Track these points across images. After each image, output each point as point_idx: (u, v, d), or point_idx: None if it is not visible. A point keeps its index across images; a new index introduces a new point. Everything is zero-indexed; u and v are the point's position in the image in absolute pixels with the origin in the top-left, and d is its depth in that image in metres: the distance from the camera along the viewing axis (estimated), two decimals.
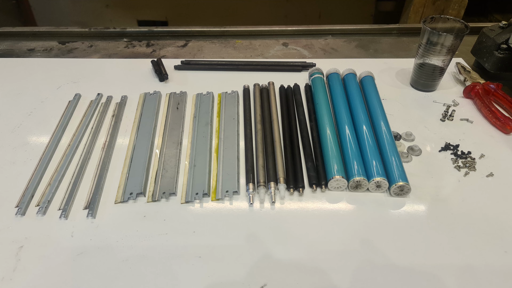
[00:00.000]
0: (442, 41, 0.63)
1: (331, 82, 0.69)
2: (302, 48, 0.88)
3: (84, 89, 0.73)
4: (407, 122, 0.64)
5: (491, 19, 1.56)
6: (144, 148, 0.58)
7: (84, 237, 0.47)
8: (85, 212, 0.49)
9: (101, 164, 0.56)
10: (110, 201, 0.51)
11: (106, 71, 0.78)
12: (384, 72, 0.77)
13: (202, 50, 0.88)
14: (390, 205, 0.50)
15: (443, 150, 0.59)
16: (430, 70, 0.68)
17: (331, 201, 0.51)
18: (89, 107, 0.68)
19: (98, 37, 0.93)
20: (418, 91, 0.72)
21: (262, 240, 0.46)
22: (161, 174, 0.54)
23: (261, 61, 0.81)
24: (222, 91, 0.70)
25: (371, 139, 0.56)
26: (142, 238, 0.46)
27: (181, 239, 0.46)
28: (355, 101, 0.63)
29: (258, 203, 0.51)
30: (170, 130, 0.62)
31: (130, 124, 0.64)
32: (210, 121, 0.63)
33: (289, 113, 0.64)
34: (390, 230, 0.47)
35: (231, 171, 0.54)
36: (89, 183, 0.53)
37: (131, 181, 0.53)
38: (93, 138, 0.61)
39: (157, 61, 0.79)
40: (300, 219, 0.49)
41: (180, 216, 0.49)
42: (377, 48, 0.88)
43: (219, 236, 0.47)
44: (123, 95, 0.70)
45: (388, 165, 0.53)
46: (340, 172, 0.51)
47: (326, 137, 0.56)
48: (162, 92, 0.71)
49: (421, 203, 0.51)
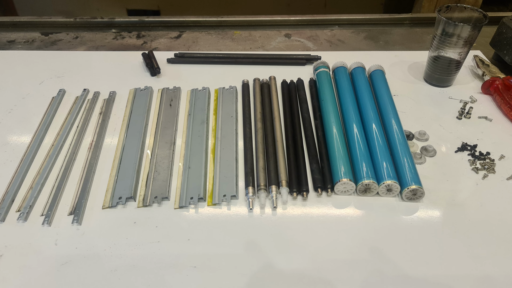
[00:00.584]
0: (459, 32, 0.63)
1: (338, 77, 0.69)
2: (306, 40, 0.88)
3: (69, 84, 0.73)
4: (420, 120, 0.64)
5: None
6: (134, 148, 0.58)
7: (69, 245, 0.47)
8: (70, 218, 0.49)
9: (88, 166, 0.56)
10: (97, 206, 0.51)
11: (93, 64, 0.78)
12: (396, 66, 0.77)
13: (197, 41, 0.88)
14: (401, 210, 0.51)
15: (460, 151, 0.59)
16: (445, 64, 0.68)
17: (338, 206, 0.51)
18: (75, 103, 0.68)
19: (84, 27, 0.93)
20: (432, 86, 0.72)
21: (262, 248, 0.46)
22: (153, 176, 0.54)
23: (262, 53, 0.81)
24: (219, 87, 0.70)
25: (381, 138, 0.56)
26: (132, 246, 0.46)
27: (175, 248, 0.46)
28: (363, 97, 0.63)
29: (259, 209, 0.51)
30: (162, 129, 0.62)
31: (119, 122, 0.64)
32: (206, 119, 0.63)
33: (292, 111, 0.64)
34: (402, 237, 0.47)
35: (229, 173, 0.54)
36: (74, 187, 0.53)
37: (120, 184, 0.53)
38: (79, 137, 0.61)
39: (149, 53, 0.79)
40: (304, 225, 0.49)
41: (174, 223, 0.49)
42: (388, 40, 0.88)
43: (216, 244, 0.47)
44: (112, 90, 0.70)
45: (400, 167, 0.53)
46: (348, 174, 0.51)
47: (333, 137, 0.56)
48: (154, 88, 0.71)
49: (436, 208, 0.51)
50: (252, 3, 1.53)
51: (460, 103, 0.68)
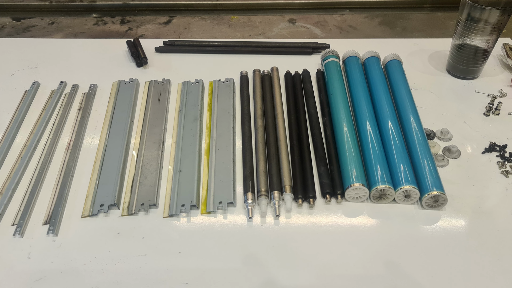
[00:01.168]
0: (486, 17, 0.63)
1: (349, 68, 0.69)
2: (313, 26, 0.88)
3: (44, 76, 0.73)
4: (442, 117, 0.64)
5: None
6: (118, 149, 0.58)
7: (44, 259, 0.46)
8: (45, 229, 0.49)
9: (65, 169, 0.56)
10: (76, 215, 0.51)
11: (71, 54, 0.78)
12: (414, 56, 0.77)
13: (189, 28, 0.88)
14: (421, 219, 0.50)
15: (487, 152, 0.59)
16: (471, 53, 0.68)
17: (349, 214, 0.51)
18: (50, 98, 0.68)
19: (61, 12, 0.93)
20: (456, 78, 0.72)
21: (263, 263, 0.46)
22: (139, 181, 0.54)
23: (263, 41, 0.81)
24: (214, 79, 0.70)
25: (398, 138, 0.56)
26: (116, 260, 0.46)
27: (164, 262, 0.46)
28: (378, 91, 0.63)
29: (259, 217, 0.51)
30: (150, 127, 0.62)
31: (100, 119, 0.64)
32: (200, 116, 0.63)
33: (297, 106, 0.64)
34: (422, 250, 0.47)
35: (225, 177, 0.54)
36: (49, 193, 0.53)
37: (101, 190, 0.53)
38: (55, 136, 0.61)
39: (134, 41, 0.79)
40: (311, 236, 0.49)
41: (163, 233, 0.49)
42: (406, 26, 0.88)
43: (210, 258, 0.47)
44: (92, 83, 0.70)
45: (419, 171, 0.53)
46: (360, 179, 0.51)
47: (343, 136, 0.56)
48: (140, 80, 0.71)
49: (460, 217, 0.51)
50: None
51: (487, 97, 0.68)
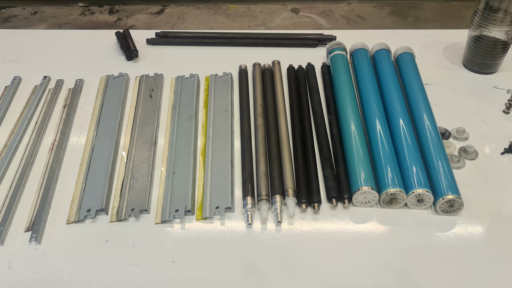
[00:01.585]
0: (506, 6, 0.63)
1: (357, 61, 0.69)
2: (317, 16, 0.88)
3: (26, 70, 0.73)
4: (458, 114, 0.64)
5: None
6: (107, 149, 0.58)
7: (26, 269, 0.46)
8: (28, 236, 0.49)
9: (49, 171, 0.56)
10: (61, 221, 0.51)
11: (55, 46, 0.78)
12: (428, 48, 0.77)
13: (183, 18, 0.88)
14: (435, 226, 0.50)
15: (507, 152, 0.59)
16: (489, 45, 0.68)
17: (357, 220, 0.51)
18: (33, 94, 0.68)
19: (44, 0, 0.93)
20: (473, 73, 0.72)
21: (264, 272, 0.46)
22: (129, 184, 0.54)
23: (263, 33, 0.80)
24: (211, 73, 0.70)
25: (410, 137, 0.56)
26: (104, 270, 0.46)
27: (156, 272, 0.46)
28: (388, 86, 0.63)
29: (259, 224, 0.51)
30: (141, 126, 0.62)
31: (87, 117, 0.64)
32: (195, 114, 0.63)
33: (300, 103, 0.64)
34: (436, 259, 0.47)
35: (222, 180, 0.54)
36: (32, 197, 0.53)
37: (88, 194, 0.53)
38: (38, 136, 0.61)
39: (124, 33, 0.79)
40: (315, 244, 0.49)
41: (155, 241, 0.49)
42: (418, 16, 0.88)
43: (207, 268, 0.47)
44: (78, 78, 0.70)
45: (433, 173, 0.53)
46: (369, 182, 0.51)
47: (350, 135, 0.56)
48: (131, 75, 0.71)
49: (478, 223, 0.51)
50: None
51: (507, 93, 0.68)
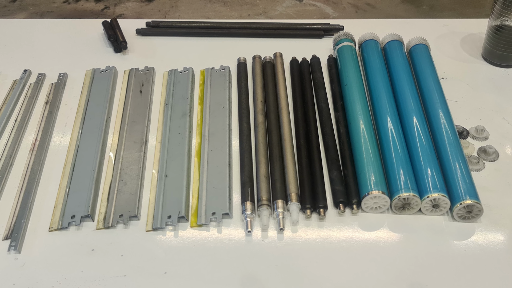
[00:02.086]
0: None
1: (367, 54, 0.69)
2: (323, 4, 0.88)
3: (5, 63, 0.73)
4: (477, 112, 0.65)
5: None
6: (93, 150, 0.58)
7: (5, 281, 0.46)
8: (6, 244, 0.49)
9: (29, 173, 0.56)
10: (43, 228, 0.51)
11: (36, 37, 0.78)
12: (444, 39, 0.77)
13: (176, 6, 0.88)
14: (452, 233, 0.51)
15: None
16: (511, 36, 0.68)
17: (367, 227, 0.51)
18: (12, 89, 0.68)
19: None
20: (493, 66, 0.72)
21: (264, 285, 0.46)
22: (117, 188, 0.54)
23: (264, 22, 0.80)
24: (207, 67, 0.70)
25: (424, 137, 0.56)
26: (90, 281, 0.46)
27: (147, 284, 0.46)
28: (401, 81, 0.63)
29: (260, 231, 0.51)
30: (130, 124, 0.62)
31: (72, 114, 0.64)
32: (189, 111, 0.63)
33: (304, 99, 0.64)
34: (453, 270, 0.47)
35: (219, 184, 0.54)
36: (11, 202, 0.53)
37: (73, 198, 0.53)
38: (18, 135, 0.61)
39: (111, 22, 0.79)
40: (321, 254, 0.49)
41: (145, 250, 0.49)
42: (434, 4, 0.88)
43: (202, 279, 0.47)
44: (62, 72, 0.70)
45: (450, 176, 0.53)
46: (380, 185, 0.51)
47: (359, 135, 0.56)
48: (119, 68, 0.71)
49: (499, 230, 0.51)
50: None
51: None
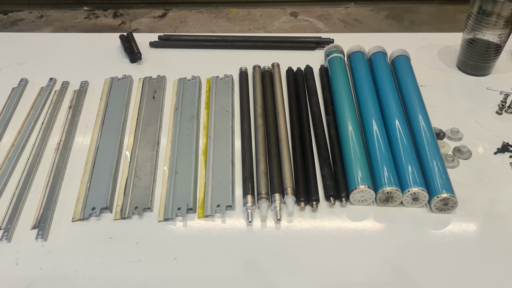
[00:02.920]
0: (499, 10, 0.63)
1: (354, 64, 0.69)
2: (316, 20, 0.88)
3: (33, 72, 0.72)
4: (452, 115, 0.64)
5: None
6: (111, 149, 0.58)
7: (33, 265, 0.46)
8: (34, 233, 0.49)
9: (55, 170, 0.56)
10: (66, 219, 0.51)
11: (61, 49, 0.78)
12: (423, 51, 0.77)
13: (185, 22, 0.88)
14: (430, 223, 0.50)
15: (500, 152, 0.59)
16: (482, 48, 0.68)
17: (354, 218, 0.51)
18: (39, 95, 0.68)
19: (50, 5, 0.93)
20: (467, 75, 0.72)
21: (264, 269, 0.46)
22: (133, 183, 0.54)
23: (263, 36, 0.81)
24: (212, 75, 0.70)
25: (405, 138, 0.56)
26: (108, 266, 0.46)
27: (159, 268, 0.46)
28: (385, 88, 0.63)
29: (259, 221, 0.51)
30: (144, 126, 0.62)
31: (92, 118, 0.64)
32: (197, 115, 0.63)
33: (299, 104, 0.64)
34: (431, 256, 0.47)
35: (223, 179, 0.54)
36: (38, 195, 0.53)
37: (93, 192, 0.53)
38: (44, 136, 0.61)
39: (128, 36, 0.79)
40: (314, 242, 0.49)
41: (157, 238, 0.49)
42: (414, 20, 0.88)
43: (208, 264, 0.47)
44: (83, 80, 0.70)
45: (428, 172, 0.53)
46: (366, 181, 0.51)
47: (348, 135, 0.56)
48: (134, 77, 0.71)
49: (471, 221, 0.51)
50: None
51: (500, 95, 0.68)
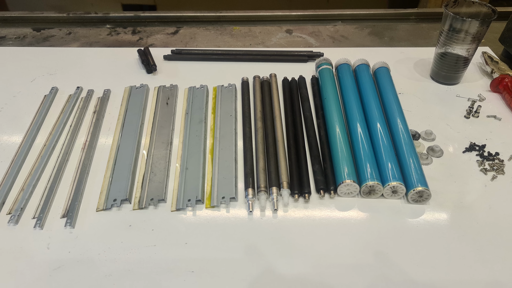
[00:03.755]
0: (467, 27, 0.63)
1: (341, 74, 0.69)
2: (308, 36, 0.88)
3: (62, 82, 0.73)
4: (426, 119, 0.65)
5: None
6: (130, 148, 0.58)
7: (62, 249, 0.47)
8: (63, 221, 0.50)
9: (81, 166, 0.56)
10: (91, 209, 0.51)
11: (86, 61, 0.78)
12: (401, 63, 0.78)
13: (195, 38, 0.88)
14: (407, 213, 0.51)
15: (468, 151, 0.59)
16: (453, 61, 0.68)
17: (341, 208, 0.51)
18: (68, 102, 0.68)
19: (77, 23, 0.93)
20: (439, 84, 0.72)
21: (262, 252, 0.46)
22: (149, 178, 0.54)
23: (262, 50, 0.81)
24: (218, 84, 0.70)
25: (386, 138, 0.56)
26: (127, 250, 0.47)
27: (172, 252, 0.46)
28: (368, 95, 0.63)
29: (259, 211, 0.51)
30: (159, 129, 0.62)
31: (113, 121, 0.64)
32: (204, 118, 0.63)
33: (293, 109, 0.64)
34: (408, 241, 0.47)
35: (228, 174, 0.54)
36: (67, 189, 0.53)
37: (115, 186, 0.53)
38: (72, 137, 0.61)
39: (144, 50, 0.79)
40: (306, 228, 0.49)
41: (170, 226, 0.49)
42: (393, 36, 0.88)
43: (215, 248, 0.47)
44: (106, 88, 0.70)
45: (406, 168, 0.53)
46: (351, 176, 0.51)
47: (336, 137, 0.56)
48: (150, 85, 0.71)
49: (443, 210, 0.51)
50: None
51: (468, 101, 0.68)
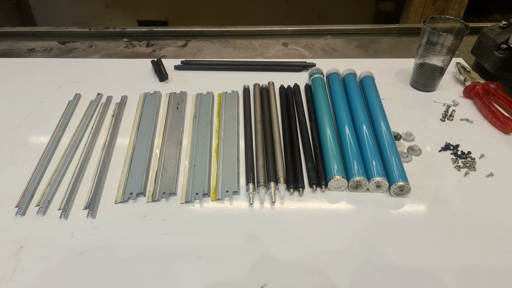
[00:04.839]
0: (442, 41, 0.63)
1: (331, 82, 0.69)
2: (302, 48, 0.88)
3: (84, 89, 0.73)
4: (407, 122, 0.64)
5: (491, 19, 1.56)
6: (144, 148, 0.58)
7: (84, 237, 0.47)
8: (85, 212, 0.50)
9: (101, 164, 0.56)
10: (110, 201, 0.51)
11: (106, 71, 0.78)
12: (384, 72, 0.77)
13: (202, 50, 0.88)
14: (390, 205, 0.51)
15: (443, 150, 0.59)
16: (430, 70, 0.68)
17: (331, 201, 0.51)
18: (89, 107, 0.68)
19: (98, 37, 0.93)
20: (418, 91, 0.72)
21: (262, 240, 0.46)
22: (161, 174, 0.54)
23: (261, 61, 0.81)
24: (222, 91, 0.70)
25: (371, 139, 0.56)
26: (142, 238, 0.47)
27: (181, 239, 0.46)
28: (355, 101, 0.63)
29: (258, 203, 0.51)
30: (170, 130, 0.62)
31: (130, 124, 0.64)
32: (210, 121, 0.63)
33: (289, 113, 0.64)
34: (390, 230, 0.47)
35: (231, 171, 0.54)
36: (89, 183, 0.53)
37: (131, 181, 0.53)
38: (93, 138, 0.61)
39: (157, 61, 0.79)
40: (300, 219, 0.49)
41: (180, 216, 0.49)
42: (377, 48, 0.88)
43: (219, 236, 0.47)
44: (123, 95, 0.70)
45: (388, 165, 0.53)
46: (340, 172, 0.51)
47: (326, 137, 0.56)
48: (162, 92, 0.71)
49: (421, 203, 0.51)
50: (252, 15, 1.53)
51: (443, 106, 0.68)
